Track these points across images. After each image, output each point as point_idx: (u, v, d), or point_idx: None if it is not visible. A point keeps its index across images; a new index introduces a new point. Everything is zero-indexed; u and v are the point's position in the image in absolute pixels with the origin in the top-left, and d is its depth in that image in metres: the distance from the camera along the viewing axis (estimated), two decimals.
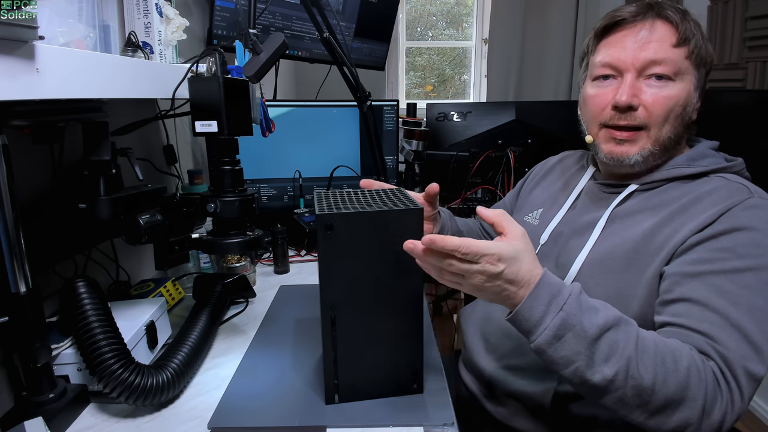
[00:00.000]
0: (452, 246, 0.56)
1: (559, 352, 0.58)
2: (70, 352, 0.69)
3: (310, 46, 1.73)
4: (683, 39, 0.71)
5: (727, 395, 0.57)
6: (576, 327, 0.58)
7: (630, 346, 0.58)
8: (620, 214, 0.75)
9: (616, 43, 0.75)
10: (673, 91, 0.71)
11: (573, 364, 0.58)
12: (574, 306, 0.59)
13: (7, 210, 0.58)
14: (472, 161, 1.65)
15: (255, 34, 0.78)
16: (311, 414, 0.68)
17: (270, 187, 1.49)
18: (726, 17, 1.88)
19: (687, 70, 0.72)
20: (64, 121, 0.74)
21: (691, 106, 0.74)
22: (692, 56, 0.72)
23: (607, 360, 0.57)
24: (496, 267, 0.57)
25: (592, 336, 0.57)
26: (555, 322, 0.58)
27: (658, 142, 0.73)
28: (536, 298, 0.59)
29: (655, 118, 0.72)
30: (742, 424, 1.76)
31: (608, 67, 0.75)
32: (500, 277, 0.58)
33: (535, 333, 0.59)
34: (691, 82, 0.73)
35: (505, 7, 2.65)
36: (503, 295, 0.59)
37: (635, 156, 0.74)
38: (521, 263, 0.59)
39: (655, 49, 0.71)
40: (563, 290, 0.60)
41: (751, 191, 0.68)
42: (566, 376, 0.59)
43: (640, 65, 0.72)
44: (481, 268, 0.57)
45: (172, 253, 0.83)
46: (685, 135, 0.77)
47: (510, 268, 0.58)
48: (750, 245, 0.63)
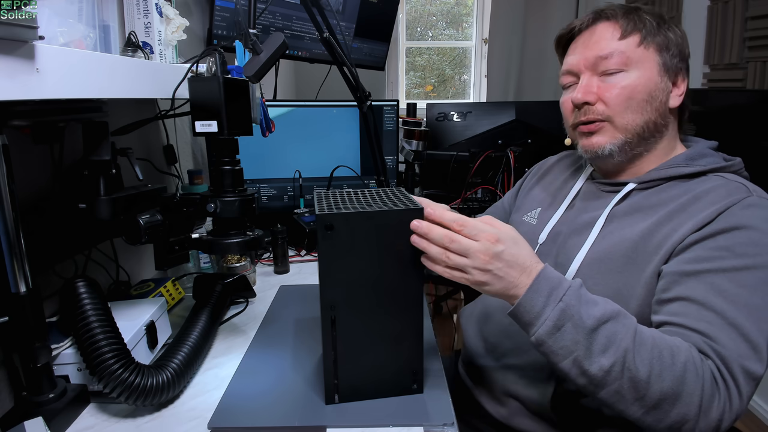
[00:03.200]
0: (450, 218, 0.61)
1: (559, 342, 0.59)
2: (70, 352, 0.69)
3: (310, 46, 1.73)
4: (629, 30, 0.75)
5: (725, 394, 0.57)
6: (575, 317, 0.59)
7: (627, 339, 0.58)
8: (619, 213, 0.75)
9: (571, 52, 0.81)
10: (627, 80, 0.74)
11: (572, 354, 0.59)
12: (573, 297, 0.60)
13: (7, 210, 0.58)
14: (472, 161, 1.65)
15: (255, 34, 0.78)
16: (311, 414, 0.68)
17: (270, 187, 1.49)
18: (726, 17, 1.88)
19: (642, 57, 0.74)
20: (64, 121, 0.74)
21: (660, 90, 0.74)
22: (645, 42, 0.74)
23: (605, 351, 0.58)
24: (496, 246, 0.60)
25: (590, 326, 0.59)
26: (554, 312, 0.59)
27: (627, 131, 0.75)
28: (536, 291, 0.60)
29: (614, 107, 0.75)
30: (742, 424, 1.77)
31: (567, 74, 0.81)
32: (501, 257, 0.60)
33: (536, 324, 0.60)
34: (651, 68, 0.74)
35: (505, 7, 2.65)
36: (505, 281, 0.61)
37: (608, 146, 0.76)
38: (521, 248, 0.62)
39: (601, 46, 0.75)
40: (563, 283, 0.61)
41: (750, 190, 0.68)
42: (565, 367, 0.60)
43: (590, 64, 0.76)
44: (481, 245, 0.60)
45: (172, 253, 0.83)
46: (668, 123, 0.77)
47: (509, 250, 0.61)
48: (748, 244, 0.63)
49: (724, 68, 1.91)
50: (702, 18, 1.99)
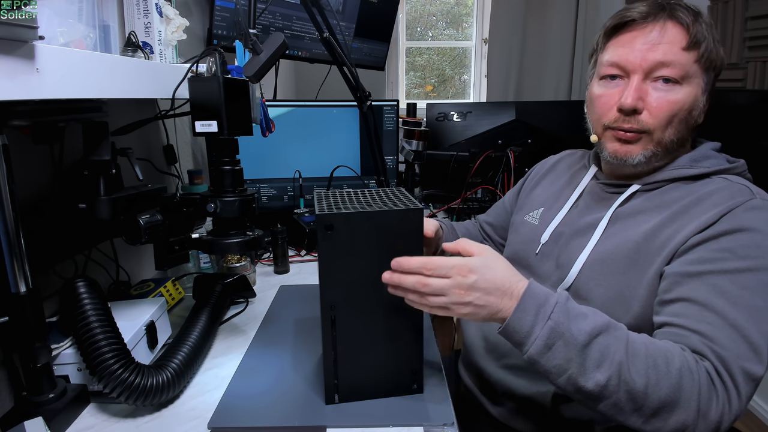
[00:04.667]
0: (417, 264, 0.60)
1: (551, 361, 0.59)
2: (70, 352, 0.69)
3: (310, 46, 1.73)
4: (694, 42, 0.70)
5: (723, 395, 0.57)
6: (565, 335, 0.58)
7: (620, 351, 0.58)
8: (622, 215, 0.75)
9: (625, 44, 0.73)
10: (679, 95, 0.70)
11: (566, 372, 0.58)
12: (561, 314, 0.59)
13: (7, 210, 0.58)
14: (472, 161, 1.66)
15: (255, 34, 0.78)
16: (311, 414, 0.68)
17: (270, 187, 1.49)
18: (726, 17, 1.88)
19: (695, 73, 0.71)
20: (64, 121, 0.74)
21: (697, 110, 0.73)
22: (702, 60, 0.70)
23: (599, 366, 0.57)
24: (468, 278, 0.59)
25: (582, 342, 0.58)
26: (544, 331, 0.58)
27: (660, 144, 0.73)
28: (523, 310, 0.60)
29: (659, 122, 0.71)
30: (742, 424, 1.76)
31: (615, 66, 0.74)
32: (476, 287, 0.59)
33: (527, 344, 0.60)
34: (698, 86, 0.72)
35: (505, 7, 2.65)
36: (488, 308, 0.60)
37: (638, 156, 0.73)
38: (495, 270, 0.61)
39: (665, 51, 0.70)
40: (549, 299, 0.60)
41: (753, 192, 0.68)
42: (561, 385, 0.60)
43: (648, 67, 0.71)
44: (453, 281, 0.59)
45: (172, 253, 0.83)
46: (690, 137, 0.76)
47: (483, 277, 0.60)
48: (751, 246, 0.63)
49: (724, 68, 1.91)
50: None
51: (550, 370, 0.59)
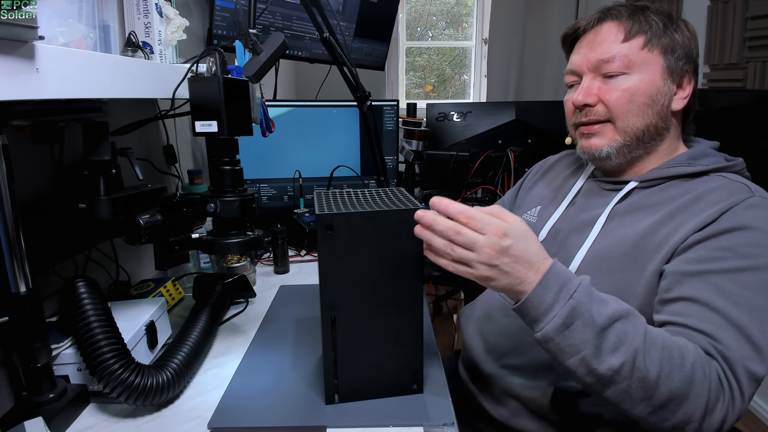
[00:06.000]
0: (456, 210, 0.58)
1: (567, 339, 0.58)
2: (70, 352, 0.69)
3: (310, 46, 1.73)
4: (633, 32, 0.74)
5: (728, 395, 0.57)
6: (585, 315, 0.57)
7: (638, 338, 0.57)
8: (620, 212, 0.75)
9: (575, 51, 0.80)
10: (629, 83, 0.73)
11: (580, 352, 0.57)
12: (584, 294, 0.58)
13: (7, 210, 0.58)
14: (472, 161, 1.66)
15: (255, 34, 0.78)
16: (311, 414, 0.68)
17: (270, 187, 1.49)
18: (726, 17, 1.88)
19: (646, 60, 0.73)
20: (64, 121, 0.74)
21: (662, 94, 0.74)
22: (650, 44, 0.73)
23: (615, 350, 0.57)
24: (503, 240, 0.57)
25: (601, 325, 0.57)
26: (564, 309, 0.57)
27: (626, 133, 0.75)
28: (546, 286, 0.58)
29: (615, 110, 0.75)
30: (742, 424, 1.76)
31: (571, 74, 0.81)
32: (508, 252, 0.57)
33: (543, 321, 0.58)
34: (655, 71, 0.73)
35: (505, 7, 2.65)
36: (511, 277, 0.58)
37: (605, 148, 0.76)
38: (529, 243, 0.59)
39: (603, 49, 0.75)
40: (573, 279, 0.59)
41: (752, 191, 0.68)
42: (572, 365, 0.59)
43: (592, 66, 0.76)
44: (488, 239, 0.56)
45: (172, 253, 0.83)
46: (669, 126, 0.76)
47: (518, 245, 0.57)
48: (751, 245, 0.63)
49: (724, 68, 1.91)
50: (702, 18, 1.99)
51: (564, 349, 0.58)
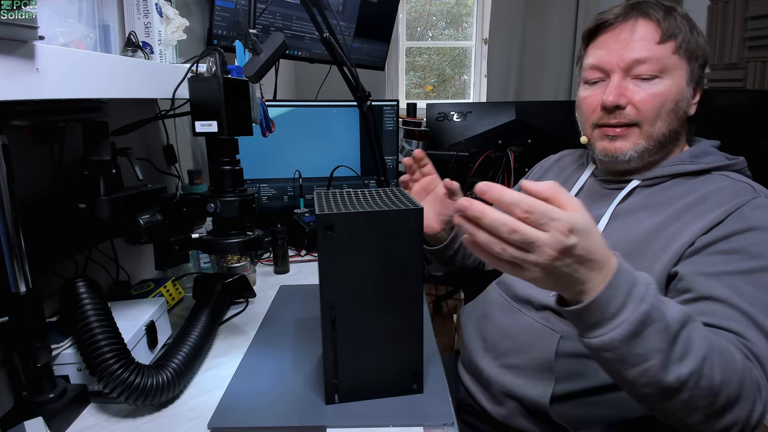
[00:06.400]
0: (511, 199, 0.46)
1: (634, 348, 0.49)
2: (70, 352, 0.69)
3: (310, 46, 1.73)
4: (668, 35, 0.72)
5: (765, 394, 0.55)
6: (658, 322, 0.49)
7: (704, 344, 0.52)
8: (623, 211, 0.75)
9: (601, 46, 0.76)
10: (661, 87, 0.72)
11: (647, 362, 0.50)
12: (655, 297, 0.50)
13: (7, 210, 0.58)
14: (472, 161, 1.66)
15: (255, 34, 0.78)
16: (311, 414, 0.68)
17: (270, 187, 1.49)
18: (726, 17, 1.88)
19: (676, 65, 0.72)
20: (64, 121, 0.74)
21: (684, 100, 0.74)
22: (680, 50, 0.72)
23: (683, 359, 0.50)
24: (569, 239, 0.46)
25: (674, 332, 0.50)
26: (635, 315, 0.49)
27: (651, 138, 0.74)
28: (616, 288, 0.49)
29: (645, 114, 0.73)
30: None
31: (595, 69, 0.77)
32: (571, 252, 0.46)
33: (606, 326, 0.49)
34: (681, 77, 0.73)
35: (505, 7, 2.65)
36: (571, 279, 0.48)
37: (629, 151, 0.75)
38: (593, 236, 0.48)
39: (639, 48, 0.72)
40: (640, 279, 0.51)
41: (757, 190, 0.68)
42: (630, 376, 0.52)
43: (625, 66, 0.73)
44: (551, 238, 0.45)
45: (172, 253, 0.83)
46: (683, 130, 0.77)
47: (583, 243, 0.47)
48: (762, 245, 0.62)
49: (724, 68, 1.92)
50: (702, 18, 1.99)
51: (627, 359, 0.50)
